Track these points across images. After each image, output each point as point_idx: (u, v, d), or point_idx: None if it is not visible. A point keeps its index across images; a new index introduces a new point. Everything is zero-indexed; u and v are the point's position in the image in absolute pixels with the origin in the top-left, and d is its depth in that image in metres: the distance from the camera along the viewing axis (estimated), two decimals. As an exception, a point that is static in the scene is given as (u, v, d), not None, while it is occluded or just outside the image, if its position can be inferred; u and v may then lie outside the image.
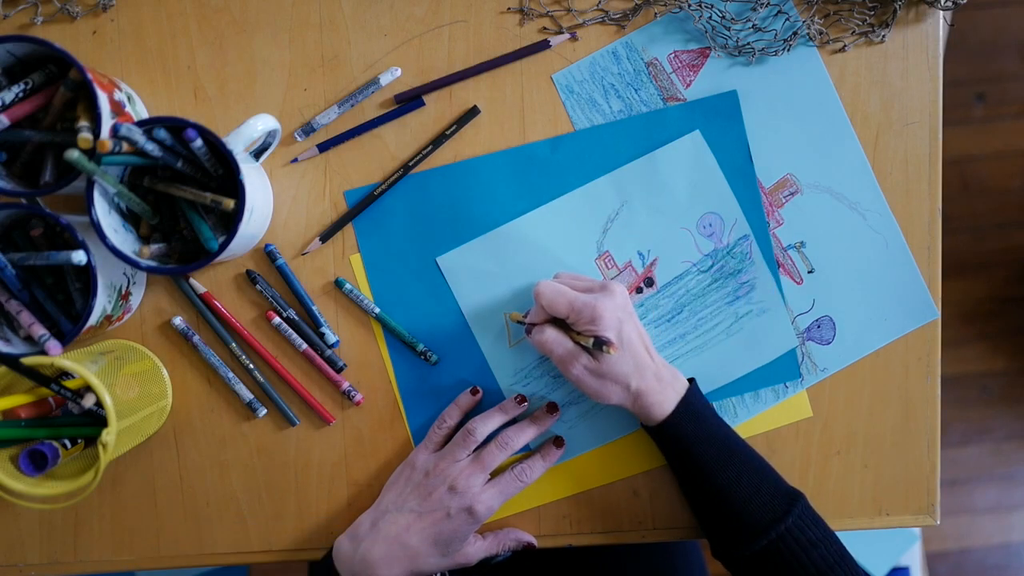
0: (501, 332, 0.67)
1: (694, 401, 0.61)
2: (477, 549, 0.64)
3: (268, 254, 0.66)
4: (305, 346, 0.66)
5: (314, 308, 0.66)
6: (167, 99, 0.66)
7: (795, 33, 0.65)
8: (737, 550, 0.60)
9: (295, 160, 0.66)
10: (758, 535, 0.59)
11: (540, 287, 0.60)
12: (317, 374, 0.67)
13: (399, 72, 0.65)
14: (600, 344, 0.57)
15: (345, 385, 0.67)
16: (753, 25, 0.65)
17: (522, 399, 0.65)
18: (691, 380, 0.63)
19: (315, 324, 0.66)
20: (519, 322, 0.64)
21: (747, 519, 0.59)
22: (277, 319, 0.66)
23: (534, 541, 0.67)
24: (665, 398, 0.60)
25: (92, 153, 0.55)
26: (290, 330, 0.66)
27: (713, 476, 0.60)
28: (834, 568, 0.58)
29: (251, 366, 0.66)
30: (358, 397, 0.67)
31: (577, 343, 0.59)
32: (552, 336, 0.60)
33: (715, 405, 0.67)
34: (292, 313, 0.66)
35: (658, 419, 0.60)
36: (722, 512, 0.60)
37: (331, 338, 0.66)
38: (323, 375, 0.67)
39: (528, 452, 0.67)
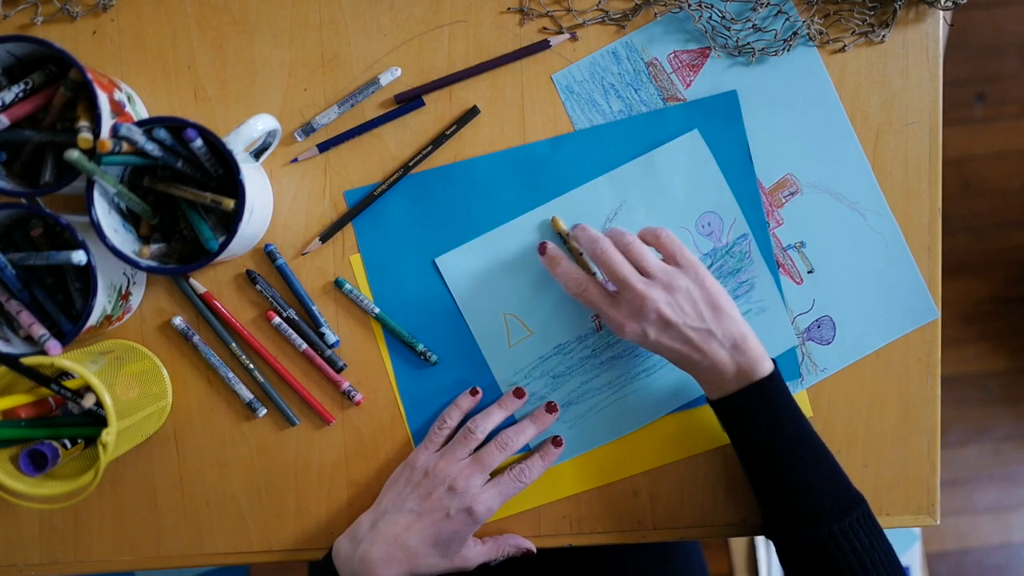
0: (501, 332, 0.67)
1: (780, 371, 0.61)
2: (476, 553, 0.64)
3: (268, 254, 0.66)
4: (305, 346, 0.66)
5: (314, 308, 0.66)
6: (167, 99, 0.66)
7: (795, 33, 0.65)
8: (791, 534, 0.59)
9: (295, 160, 0.66)
10: (816, 525, 0.57)
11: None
12: (317, 374, 0.67)
13: (399, 72, 0.65)
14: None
15: (345, 385, 0.67)
16: (753, 25, 0.65)
17: (520, 392, 0.65)
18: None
19: (315, 324, 0.66)
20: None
21: (809, 507, 0.58)
22: (277, 319, 0.66)
23: (533, 548, 0.67)
24: (764, 355, 0.60)
25: (92, 153, 0.55)
26: (290, 330, 0.66)
27: (791, 453, 0.59)
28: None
29: (251, 366, 0.66)
30: (358, 397, 0.67)
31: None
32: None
33: (715, 405, 0.67)
34: (292, 313, 0.66)
35: (760, 374, 0.59)
36: (786, 492, 0.59)
37: (331, 338, 0.66)
38: (323, 375, 0.67)
39: (527, 452, 0.67)
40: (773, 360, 0.61)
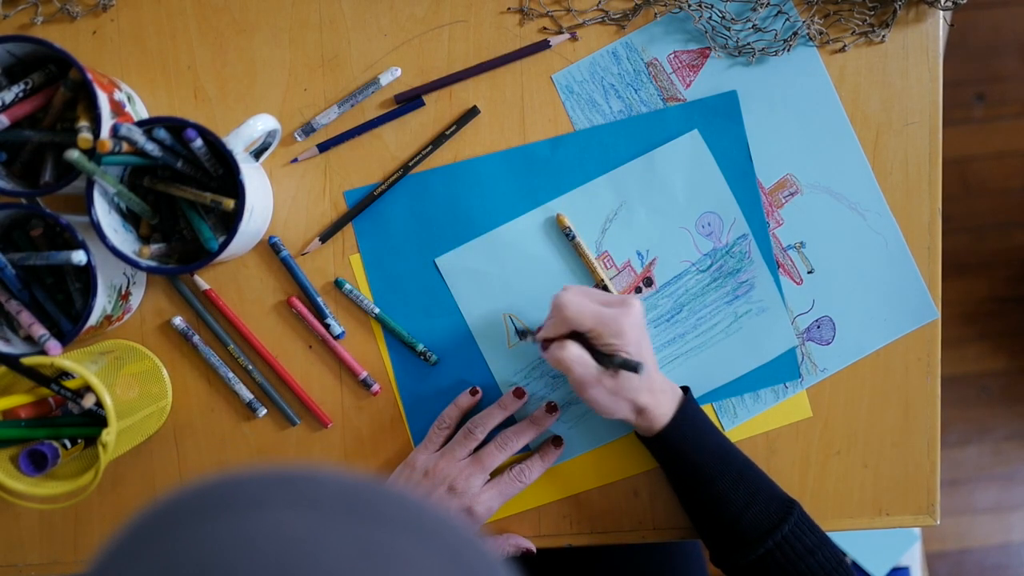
0: (500, 332, 0.67)
1: (690, 411, 0.61)
2: None
3: (272, 246, 0.66)
4: (324, 332, 0.66)
5: (319, 300, 0.66)
6: (167, 99, 0.66)
7: (795, 33, 0.65)
8: (735, 559, 0.60)
9: (295, 160, 0.66)
10: (755, 544, 0.59)
11: (564, 298, 0.56)
12: (319, 373, 0.67)
13: (399, 72, 0.65)
14: (629, 365, 0.55)
15: (363, 374, 0.67)
16: (753, 25, 0.65)
17: (520, 392, 0.65)
18: (685, 389, 0.63)
19: (320, 316, 0.66)
20: (523, 332, 0.62)
21: (743, 528, 0.59)
22: (298, 305, 0.66)
23: (532, 547, 0.67)
24: (665, 410, 0.60)
25: (92, 153, 0.55)
26: (309, 315, 0.66)
27: (709, 485, 0.60)
28: (830, 574, 0.58)
29: (250, 366, 0.66)
30: (376, 387, 0.67)
31: (600, 362, 0.57)
32: (576, 354, 0.56)
33: (715, 405, 0.67)
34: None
35: (657, 430, 0.60)
36: (718, 521, 0.60)
37: (336, 329, 0.66)
38: (342, 366, 0.67)
39: (527, 452, 0.67)
40: (686, 391, 0.62)
